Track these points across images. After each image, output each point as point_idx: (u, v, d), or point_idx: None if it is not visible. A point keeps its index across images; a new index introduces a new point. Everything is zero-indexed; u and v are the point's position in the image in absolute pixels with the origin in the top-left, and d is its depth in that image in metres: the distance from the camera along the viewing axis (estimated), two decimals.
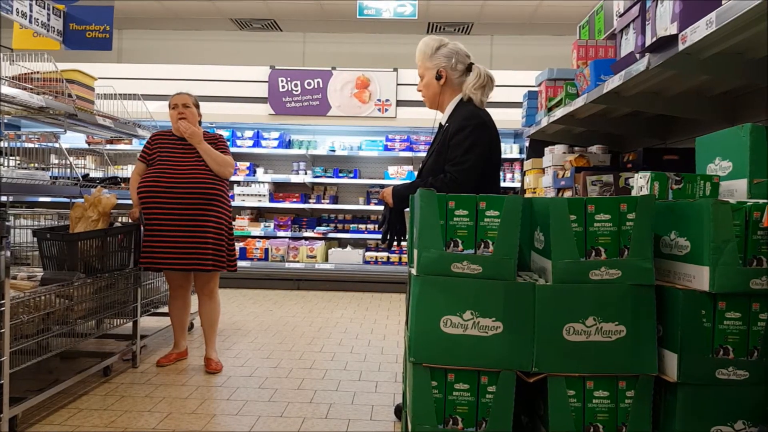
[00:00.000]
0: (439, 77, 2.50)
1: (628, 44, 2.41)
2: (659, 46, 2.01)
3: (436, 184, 2.34)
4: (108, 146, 6.36)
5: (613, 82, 2.45)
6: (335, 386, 3.27)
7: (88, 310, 3.04)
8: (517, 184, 6.73)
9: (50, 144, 4.82)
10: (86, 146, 6.21)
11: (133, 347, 3.55)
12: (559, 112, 3.27)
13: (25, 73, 3.54)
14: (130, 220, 3.52)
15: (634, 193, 1.85)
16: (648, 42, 2.12)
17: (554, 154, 3.45)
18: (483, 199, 1.56)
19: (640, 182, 1.74)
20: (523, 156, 6.70)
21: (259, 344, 4.17)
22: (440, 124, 2.63)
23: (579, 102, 2.87)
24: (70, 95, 3.47)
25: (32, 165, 4.11)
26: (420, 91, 2.59)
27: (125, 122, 4.24)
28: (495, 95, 2.55)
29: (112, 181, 4.02)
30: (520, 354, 1.47)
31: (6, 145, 4.38)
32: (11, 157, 3.72)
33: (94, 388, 3.14)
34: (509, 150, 6.93)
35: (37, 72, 3.58)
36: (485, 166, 2.39)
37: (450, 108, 2.53)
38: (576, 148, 3.58)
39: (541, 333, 1.46)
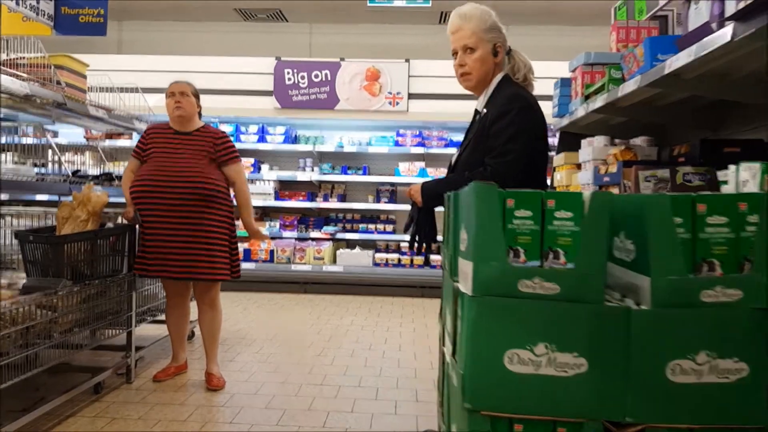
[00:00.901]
0: (495, 53, 2.14)
1: (699, 15, 2.05)
2: (749, 12, 1.66)
3: (474, 180, 1.99)
4: (107, 141, 6.05)
5: (678, 60, 2.09)
6: (350, 406, 2.93)
7: (75, 321, 2.72)
8: None
9: (42, 140, 4.52)
10: (85, 142, 5.90)
11: (128, 360, 3.22)
12: (600, 100, 2.91)
13: (10, 59, 3.22)
14: (124, 221, 3.19)
15: (729, 189, 1.51)
16: (730, 10, 1.77)
17: (594, 147, 3.10)
18: (551, 196, 1.22)
19: (744, 175, 1.39)
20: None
21: (264, 355, 3.84)
22: (476, 110, 2.29)
23: (629, 86, 2.52)
24: (58, 82, 3.14)
25: (24, 162, 3.80)
26: (463, 65, 2.18)
27: (121, 114, 3.91)
28: None
29: (106, 178, 3.70)
30: (609, 399, 1.13)
31: None
32: (4, 153, 3.41)
33: (83, 407, 2.81)
34: None
35: (23, 57, 3.26)
36: (532, 156, 2.05)
37: (489, 91, 2.19)
38: (617, 141, 3.23)
39: (638, 373, 1.12)
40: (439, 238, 2.38)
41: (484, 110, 2.17)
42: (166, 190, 3.06)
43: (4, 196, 3.50)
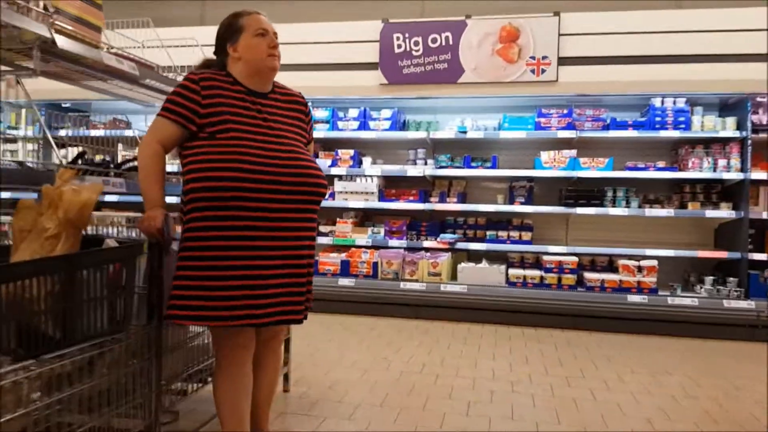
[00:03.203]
0: None
1: None
2: None
3: None
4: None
5: None
6: None
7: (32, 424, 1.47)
8: (732, 175, 4.60)
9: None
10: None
11: None
12: None
13: None
14: (141, 235, 1.93)
15: None
16: None
17: None
18: None
19: None
20: (745, 134, 4.55)
21: (360, 423, 2.48)
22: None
23: None
24: (46, 9, 1.95)
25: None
26: None
27: (162, 71, 2.71)
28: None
29: (111, 166, 2.44)
30: None
31: None
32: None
33: None
34: (716, 125, 4.77)
35: None
36: None
37: None
38: None
39: None
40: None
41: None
42: (280, 190, 1.89)
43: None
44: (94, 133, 5.27)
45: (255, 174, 1.84)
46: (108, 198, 5.27)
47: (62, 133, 5.14)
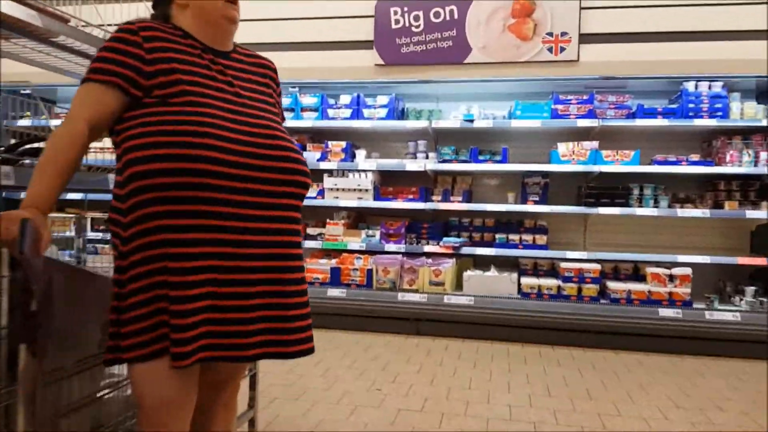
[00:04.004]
0: None
1: None
2: None
3: None
4: None
5: None
6: None
7: None
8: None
9: None
10: None
11: None
12: None
13: None
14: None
15: None
16: None
17: None
18: None
19: None
20: None
21: None
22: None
23: None
24: None
25: None
26: None
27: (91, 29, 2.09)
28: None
29: (7, 149, 1.76)
30: None
31: None
32: None
33: None
34: (757, 113, 4.17)
35: None
36: None
37: None
38: None
39: None
40: None
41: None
42: (259, 177, 1.37)
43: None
44: (55, 123, 4.66)
45: (225, 153, 1.29)
46: (72, 195, 4.65)
47: (22, 123, 4.53)
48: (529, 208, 4.40)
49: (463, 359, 3.67)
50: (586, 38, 4.13)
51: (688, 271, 4.10)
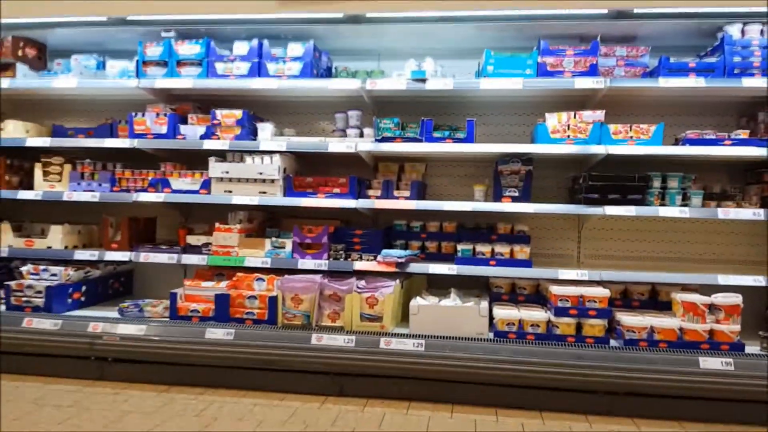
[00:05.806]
0: None
1: None
2: None
3: None
4: None
5: None
6: None
7: None
8: None
9: None
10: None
11: None
12: None
13: None
14: None
15: None
16: None
17: None
18: None
19: None
20: None
21: None
22: None
23: None
24: None
25: None
26: None
27: None
28: None
29: None
30: None
31: None
32: None
33: None
34: None
35: None
36: None
37: None
38: None
39: None
40: None
41: None
42: None
43: None
44: None
45: None
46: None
47: None
48: (505, 207, 3.03)
49: None
50: None
51: (738, 299, 2.79)
